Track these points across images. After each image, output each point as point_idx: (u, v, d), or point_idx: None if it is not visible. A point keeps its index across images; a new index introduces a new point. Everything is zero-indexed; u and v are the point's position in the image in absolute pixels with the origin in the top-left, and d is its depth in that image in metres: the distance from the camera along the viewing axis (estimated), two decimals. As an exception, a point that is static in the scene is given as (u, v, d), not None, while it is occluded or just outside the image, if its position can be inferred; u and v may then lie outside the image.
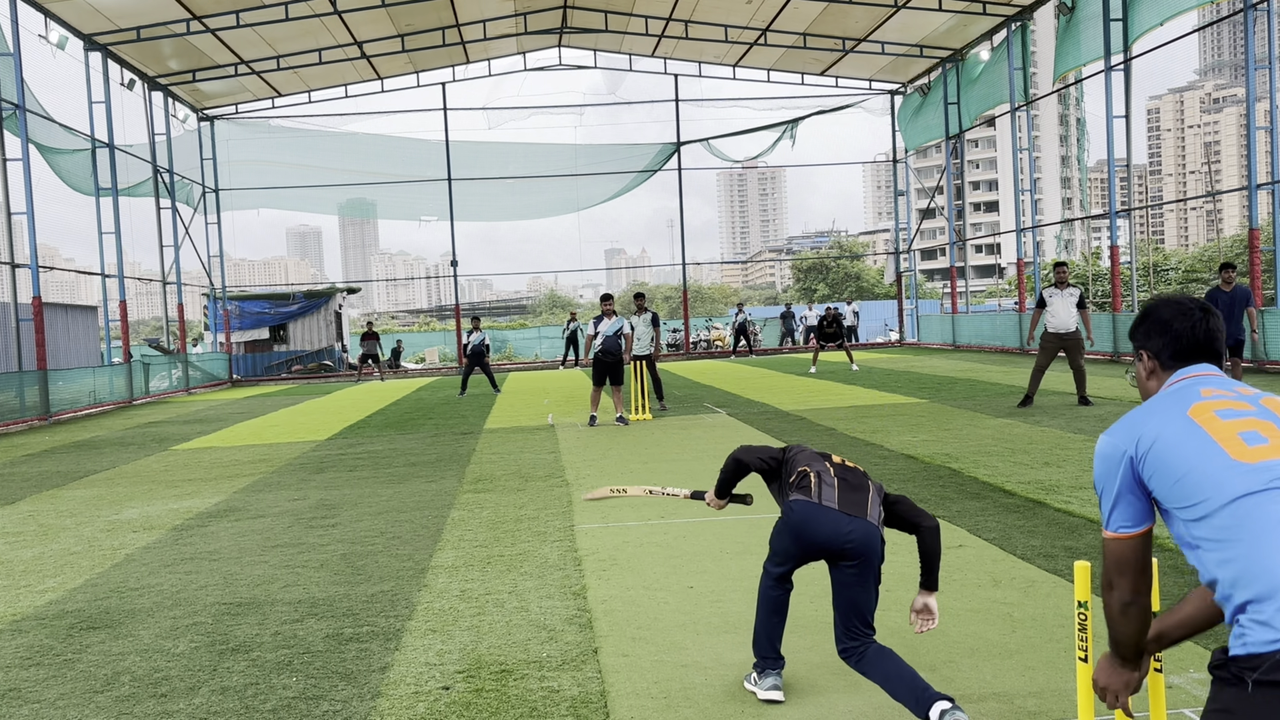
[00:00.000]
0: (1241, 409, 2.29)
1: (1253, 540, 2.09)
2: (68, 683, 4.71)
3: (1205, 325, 2.52)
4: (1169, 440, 2.28)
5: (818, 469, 4.11)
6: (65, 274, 77.01)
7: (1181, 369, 2.51)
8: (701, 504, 8.31)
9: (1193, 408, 2.32)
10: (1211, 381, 2.44)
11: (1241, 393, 2.37)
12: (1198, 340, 2.51)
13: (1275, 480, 2.12)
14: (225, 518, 8.74)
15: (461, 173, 35.34)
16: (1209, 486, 2.18)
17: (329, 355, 36.41)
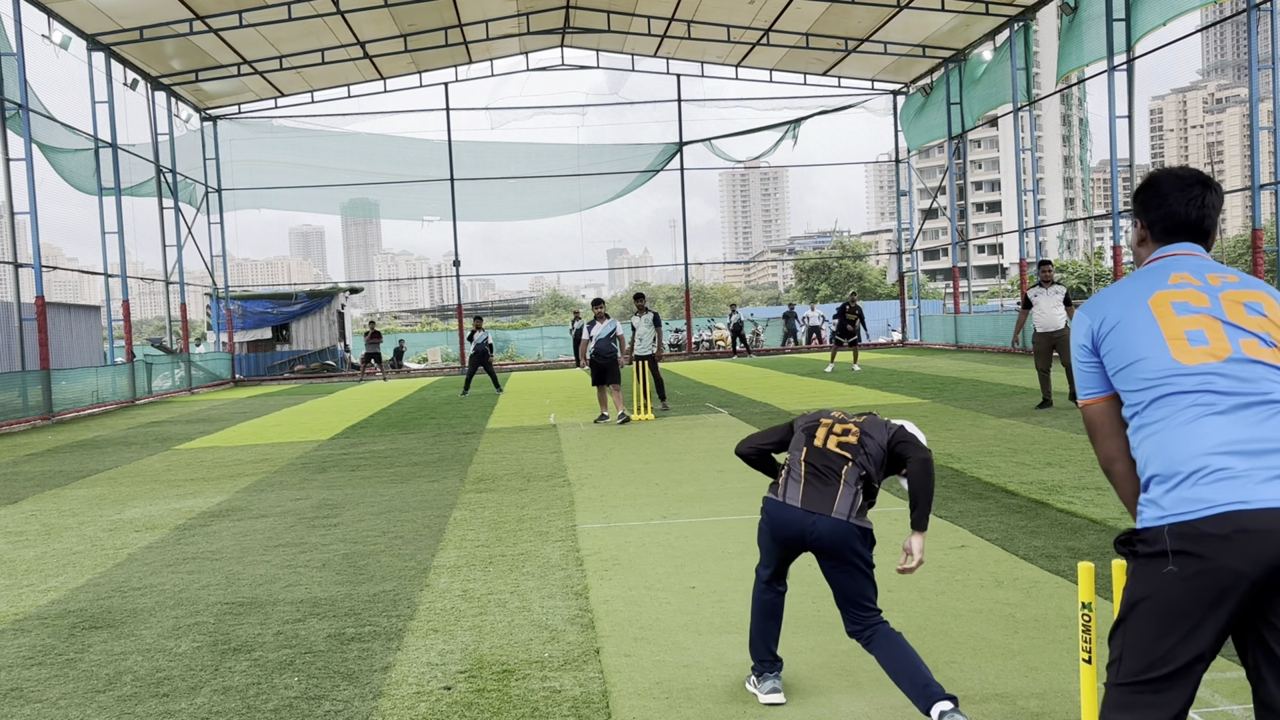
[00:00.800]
0: (1199, 303, 2.41)
1: (1164, 433, 2.33)
2: (70, 682, 4.71)
3: (1200, 203, 2.56)
4: (1125, 327, 2.46)
5: (794, 459, 4.04)
6: (68, 274, 77.16)
7: (1166, 245, 2.59)
8: (706, 505, 8.31)
9: (1155, 296, 2.45)
10: (1186, 264, 2.52)
11: (1210, 281, 2.45)
12: (1189, 219, 2.57)
13: (1202, 384, 2.31)
14: (227, 517, 8.75)
15: (464, 173, 35.34)
16: (1147, 380, 2.39)
17: (331, 355, 36.43)
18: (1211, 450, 2.24)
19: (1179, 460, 2.27)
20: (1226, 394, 2.29)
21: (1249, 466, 2.20)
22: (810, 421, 4.16)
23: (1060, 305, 14.02)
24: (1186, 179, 2.57)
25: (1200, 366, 2.32)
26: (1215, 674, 4.09)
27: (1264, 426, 2.25)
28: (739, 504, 8.20)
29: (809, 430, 4.11)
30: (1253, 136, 19.89)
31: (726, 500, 8.39)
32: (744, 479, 9.36)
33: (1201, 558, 2.17)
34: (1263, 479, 2.18)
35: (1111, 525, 6.74)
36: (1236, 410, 2.27)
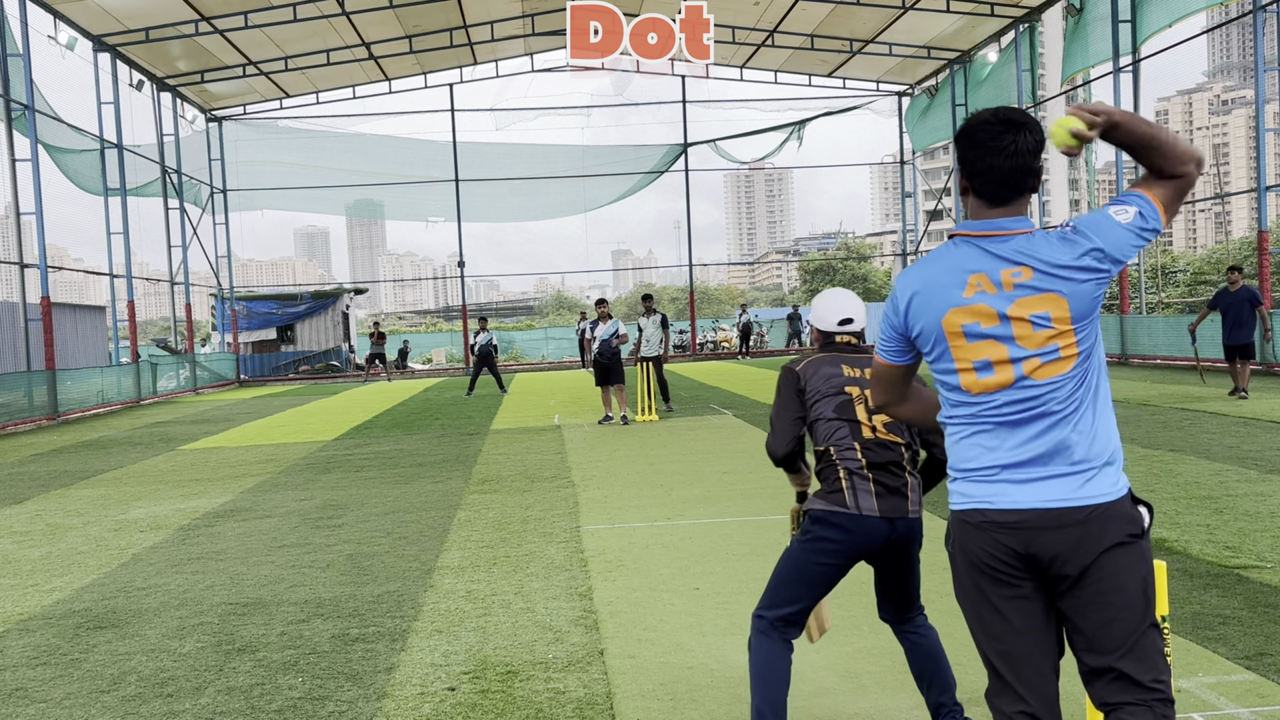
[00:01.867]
0: (989, 324, 2.47)
1: (951, 445, 2.67)
2: (74, 682, 4.71)
3: (1012, 151, 2.46)
4: (924, 336, 2.58)
5: (845, 456, 3.50)
6: (74, 274, 77.12)
7: (987, 216, 2.52)
8: (710, 506, 8.30)
9: (949, 313, 2.50)
10: (985, 262, 2.48)
11: (1003, 284, 2.46)
12: (1002, 172, 2.48)
13: (982, 412, 2.52)
14: (232, 518, 8.75)
15: (469, 174, 35.36)
16: (942, 396, 2.63)
17: (336, 356, 36.46)
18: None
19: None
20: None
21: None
22: (834, 398, 3.60)
23: None
24: (1000, 124, 2.47)
25: (983, 397, 2.52)
26: (1220, 676, 4.08)
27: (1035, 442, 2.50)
28: (743, 505, 8.19)
29: (843, 412, 3.57)
30: (1259, 138, 19.84)
31: (731, 502, 8.38)
32: (749, 480, 9.35)
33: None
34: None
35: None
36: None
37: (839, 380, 3.62)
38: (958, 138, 2.53)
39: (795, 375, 3.68)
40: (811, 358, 3.71)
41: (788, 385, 3.70)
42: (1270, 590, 5.20)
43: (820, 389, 3.63)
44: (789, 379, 3.70)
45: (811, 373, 3.66)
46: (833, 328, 3.75)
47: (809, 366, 3.67)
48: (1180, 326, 21.62)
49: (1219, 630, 4.64)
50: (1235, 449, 9.77)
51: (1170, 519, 6.90)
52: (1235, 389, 14.67)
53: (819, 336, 3.79)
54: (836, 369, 3.65)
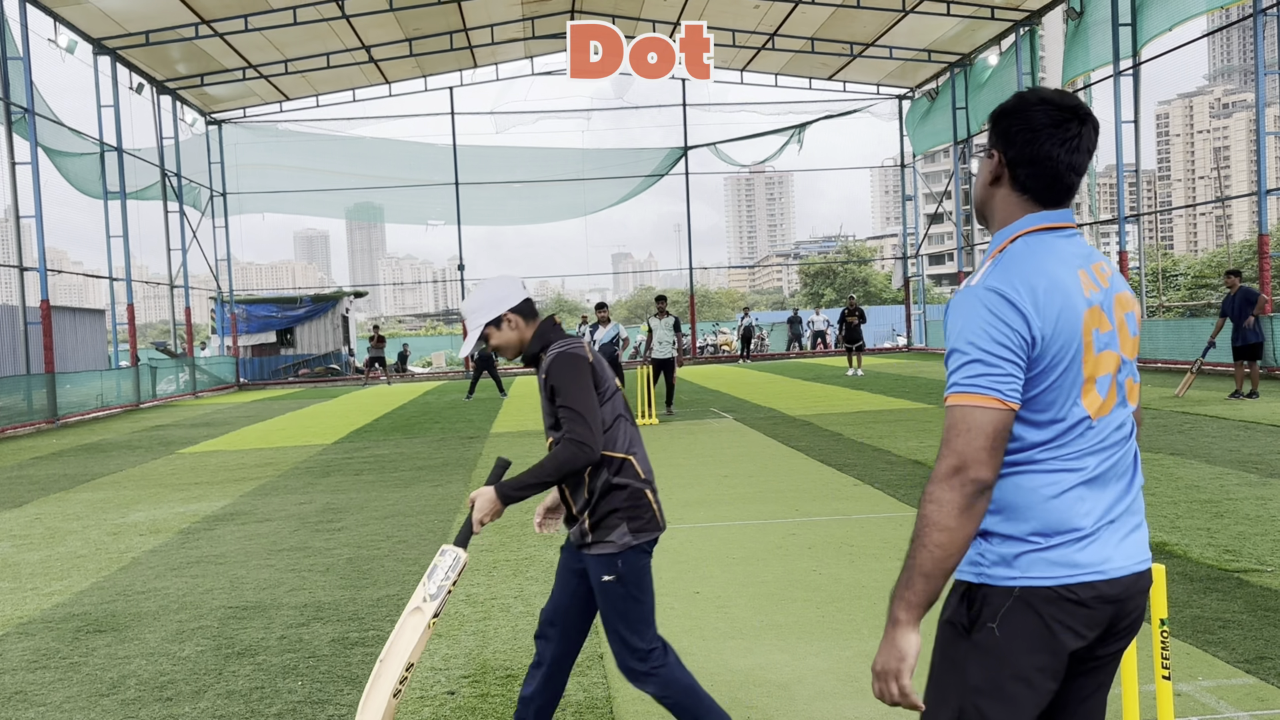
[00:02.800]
0: (1105, 329, 2.03)
1: (1041, 501, 2.01)
2: (74, 686, 4.71)
3: (1076, 146, 2.07)
4: (1062, 349, 1.97)
5: (645, 466, 3.35)
6: (73, 277, 77.19)
7: (1039, 211, 2.10)
8: (710, 510, 8.29)
9: (1085, 314, 2.00)
10: (1079, 256, 2.08)
11: (1100, 280, 2.07)
12: (1063, 170, 2.07)
13: (1094, 448, 2.00)
14: (231, 521, 8.75)
15: (469, 177, 35.37)
16: (1053, 428, 1.99)
17: (336, 359, 36.47)
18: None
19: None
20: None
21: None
22: (616, 395, 3.29)
23: None
24: (1063, 109, 2.06)
25: (1100, 422, 2.02)
26: (1220, 680, 4.08)
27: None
28: (743, 509, 8.18)
29: (629, 412, 3.34)
30: (1259, 142, 19.84)
31: (730, 505, 8.37)
32: (749, 484, 9.35)
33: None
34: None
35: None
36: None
37: (608, 372, 3.32)
38: (1002, 116, 2.13)
39: (588, 362, 3.25)
40: (579, 343, 3.30)
41: (586, 371, 3.22)
42: (1270, 594, 5.19)
43: (608, 383, 3.28)
44: (584, 364, 3.22)
45: (595, 360, 3.28)
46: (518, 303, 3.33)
47: (585, 350, 3.27)
48: (1180, 330, 21.63)
49: (1219, 634, 4.64)
50: (1236, 452, 9.77)
51: (1170, 522, 6.89)
52: (1235, 392, 14.69)
53: (525, 321, 3.34)
54: (601, 359, 3.35)
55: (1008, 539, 1.99)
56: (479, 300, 3.33)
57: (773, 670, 4.47)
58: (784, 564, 6.33)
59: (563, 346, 3.27)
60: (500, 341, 3.35)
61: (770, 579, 5.99)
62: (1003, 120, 2.12)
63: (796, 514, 7.88)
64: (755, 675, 4.42)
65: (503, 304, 3.30)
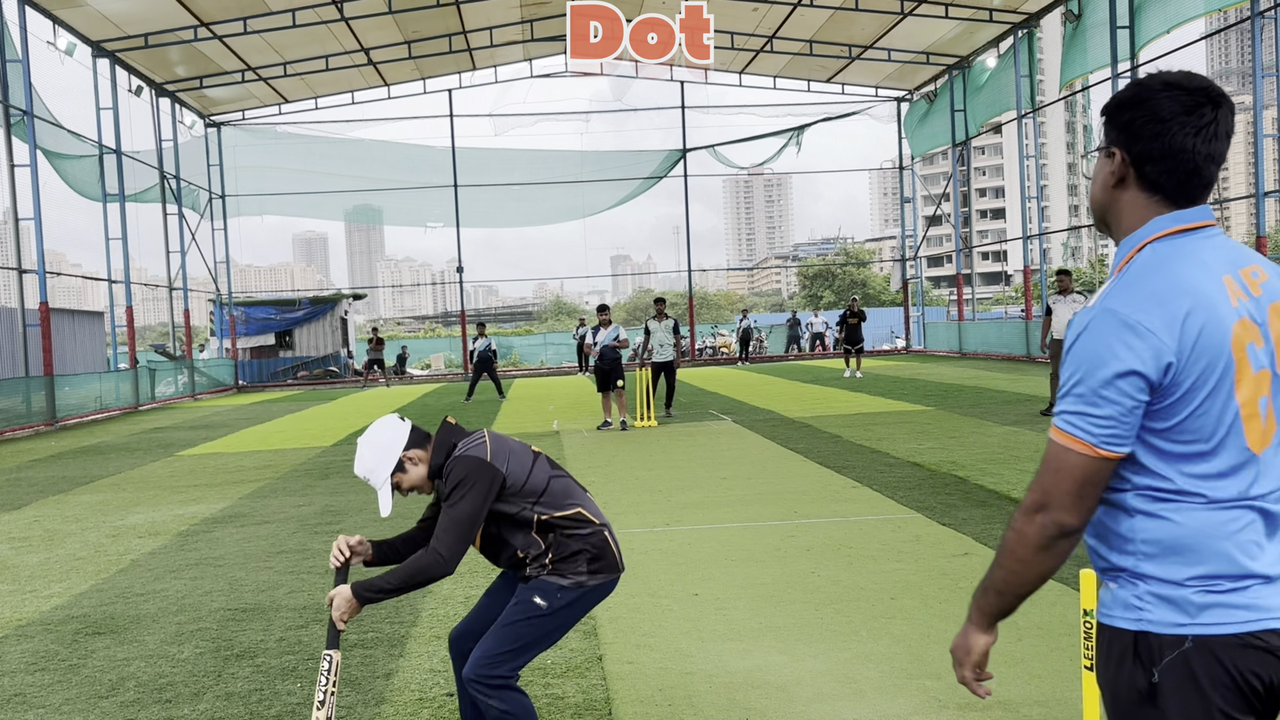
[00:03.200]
0: (1259, 344, 1.78)
1: (1202, 540, 1.79)
2: (73, 688, 4.71)
3: (1213, 133, 1.81)
4: (1206, 372, 1.73)
5: (596, 512, 3.37)
6: (72, 279, 77.08)
7: (1173, 210, 1.85)
8: (709, 512, 8.30)
9: (1234, 329, 1.75)
10: (1225, 260, 1.82)
11: (1250, 288, 1.81)
12: (1199, 159, 1.82)
13: (1260, 476, 1.77)
14: (230, 523, 8.75)
15: (468, 179, 35.40)
16: (1208, 460, 1.77)
17: (335, 361, 36.47)
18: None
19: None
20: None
21: None
22: (545, 462, 3.37)
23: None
24: (1194, 93, 1.80)
25: (1259, 458, 1.78)
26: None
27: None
28: (742, 511, 8.19)
29: (558, 467, 3.42)
30: (1257, 144, 19.87)
31: (729, 507, 8.38)
32: (747, 485, 9.36)
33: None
34: None
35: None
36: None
37: (524, 446, 3.36)
38: (1121, 107, 1.86)
39: (487, 465, 3.18)
40: (479, 440, 3.27)
41: (484, 478, 3.16)
42: (1268, 596, 5.20)
43: (519, 461, 3.26)
44: (484, 469, 3.17)
45: (500, 451, 3.24)
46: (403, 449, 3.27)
47: (494, 445, 3.24)
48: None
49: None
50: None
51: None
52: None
53: (423, 449, 3.31)
54: (507, 438, 3.37)
55: (1169, 583, 1.77)
56: (372, 460, 3.24)
57: (771, 672, 4.48)
58: (782, 566, 6.34)
59: (463, 451, 3.21)
60: (413, 481, 3.27)
61: (769, 581, 6.00)
62: (1122, 112, 1.85)
63: (795, 516, 7.89)
64: (754, 677, 4.43)
65: (394, 449, 3.23)
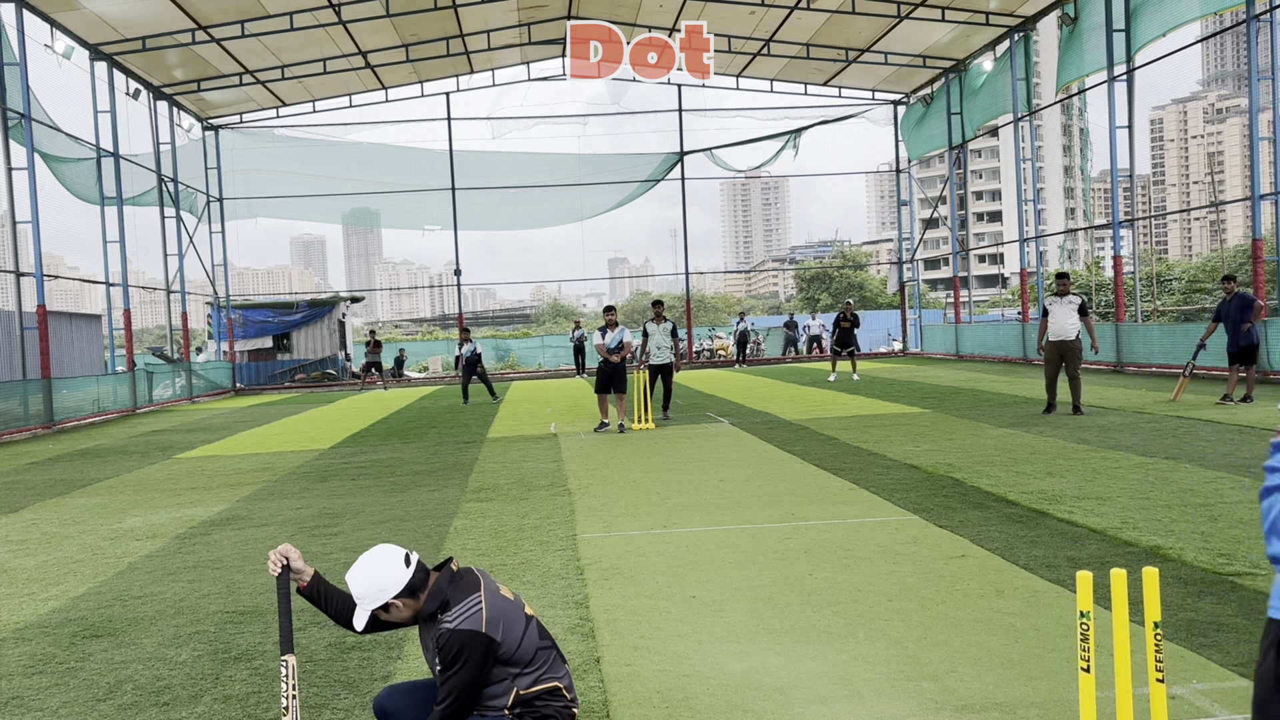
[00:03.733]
0: None
1: None
2: (70, 691, 4.71)
3: None
4: None
5: (570, 697, 3.42)
6: (69, 282, 77.04)
7: None
8: (706, 514, 8.30)
9: None
10: None
11: None
12: None
13: None
14: (228, 526, 8.75)
15: (465, 182, 35.42)
16: None
17: (332, 364, 36.46)
18: None
19: None
20: None
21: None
22: (536, 632, 3.39)
23: (1074, 315, 14.13)
24: None
25: None
26: (1214, 683, 4.10)
27: None
28: (740, 513, 8.20)
29: (546, 637, 3.46)
30: (1252, 147, 19.90)
31: (727, 510, 8.39)
32: (745, 488, 9.37)
33: None
34: None
35: (1112, 535, 6.74)
36: None
37: (518, 607, 3.34)
38: None
39: (483, 638, 3.20)
40: (476, 604, 3.24)
41: (479, 652, 3.18)
42: (1264, 597, 5.22)
43: (514, 631, 3.27)
44: (479, 643, 3.18)
45: (495, 619, 3.24)
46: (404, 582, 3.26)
47: (489, 612, 3.24)
48: (1175, 335, 21.68)
49: (1213, 637, 4.66)
50: (1229, 456, 9.80)
51: (1165, 526, 6.92)
52: (1225, 396, 14.75)
53: (414, 598, 3.30)
54: (504, 595, 3.34)
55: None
56: (363, 589, 3.25)
57: (769, 674, 4.49)
58: (780, 568, 6.35)
59: (459, 620, 3.20)
60: (395, 618, 3.30)
61: (766, 583, 6.01)
62: None
63: (792, 518, 7.90)
64: (751, 679, 4.44)
65: (385, 594, 3.24)
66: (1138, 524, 7.04)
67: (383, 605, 3.24)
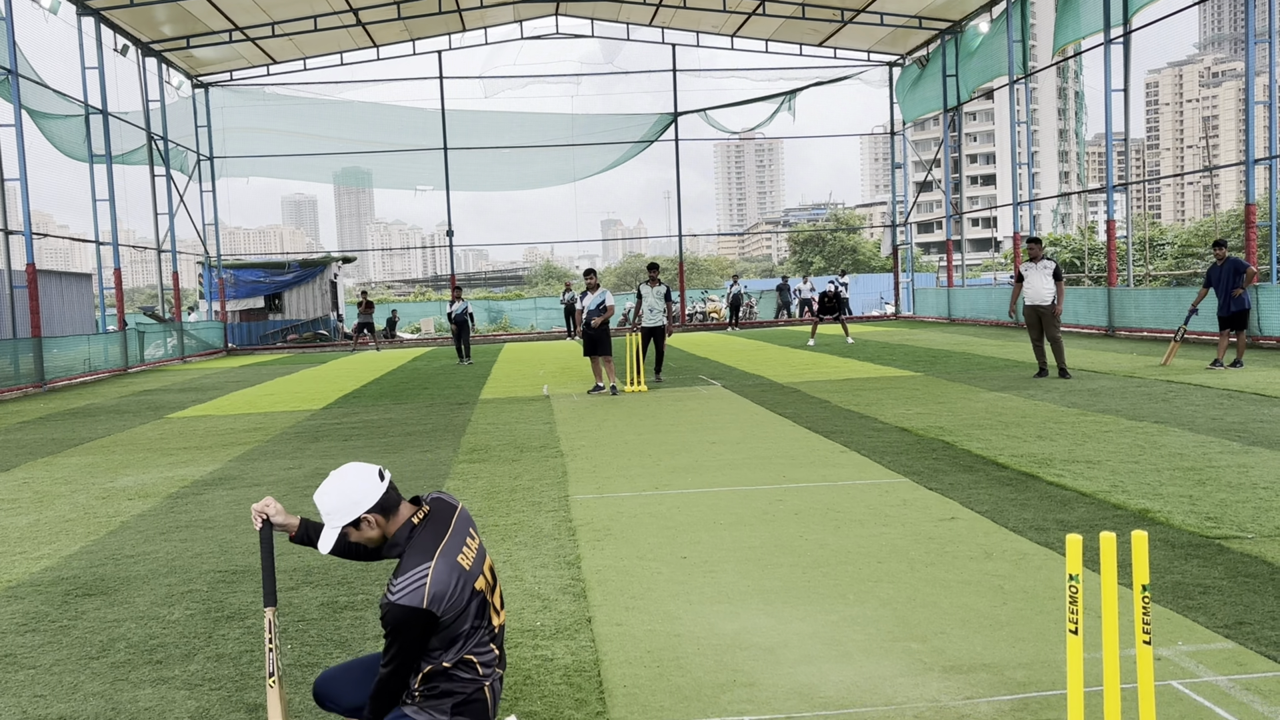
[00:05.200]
0: None
1: None
2: (63, 649, 4.73)
3: None
4: None
5: (487, 669, 3.27)
6: (59, 241, 76.45)
7: None
8: (698, 476, 8.33)
9: None
10: None
11: None
12: None
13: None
14: (220, 486, 8.76)
15: (457, 142, 35.18)
16: None
17: (324, 324, 36.37)
18: None
19: None
20: None
21: None
22: (473, 599, 3.17)
23: (1049, 279, 14.16)
24: None
25: None
26: (1199, 645, 4.14)
27: None
28: (730, 475, 8.23)
29: (482, 614, 3.23)
30: (1248, 111, 19.84)
31: (719, 472, 8.42)
32: (736, 450, 9.39)
33: None
34: None
35: (1101, 498, 6.78)
36: None
37: (468, 575, 3.18)
38: None
39: (424, 615, 3.04)
40: (422, 576, 3.06)
41: (417, 629, 3.06)
42: (1250, 560, 5.26)
43: (456, 607, 3.12)
44: (419, 620, 3.05)
45: (439, 595, 3.06)
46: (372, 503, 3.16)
47: (434, 588, 3.05)
48: (1167, 299, 21.72)
49: (1199, 599, 4.70)
50: (1218, 421, 9.85)
51: (1154, 490, 6.96)
52: (1215, 361, 14.81)
53: (386, 517, 3.20)
54: (458, 564, 3.15)
55: None
56: (334, 504, 3.18)
57: (758, 634, 4.53)
58: (771, 530, 6.38)
59: (402, 594, 3.04)
60: (363, 538, 3.23)
61: (757, 544, 6.04)
62: None
63: (783, 480, 7.93)
64: (741, 639, 4.47)
65: (358, 507, 3.16)
66: (1126, 488, 7.08)
67: (354, 521, 3.16)
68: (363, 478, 3.18)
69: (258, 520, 3.37)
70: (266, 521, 3.36)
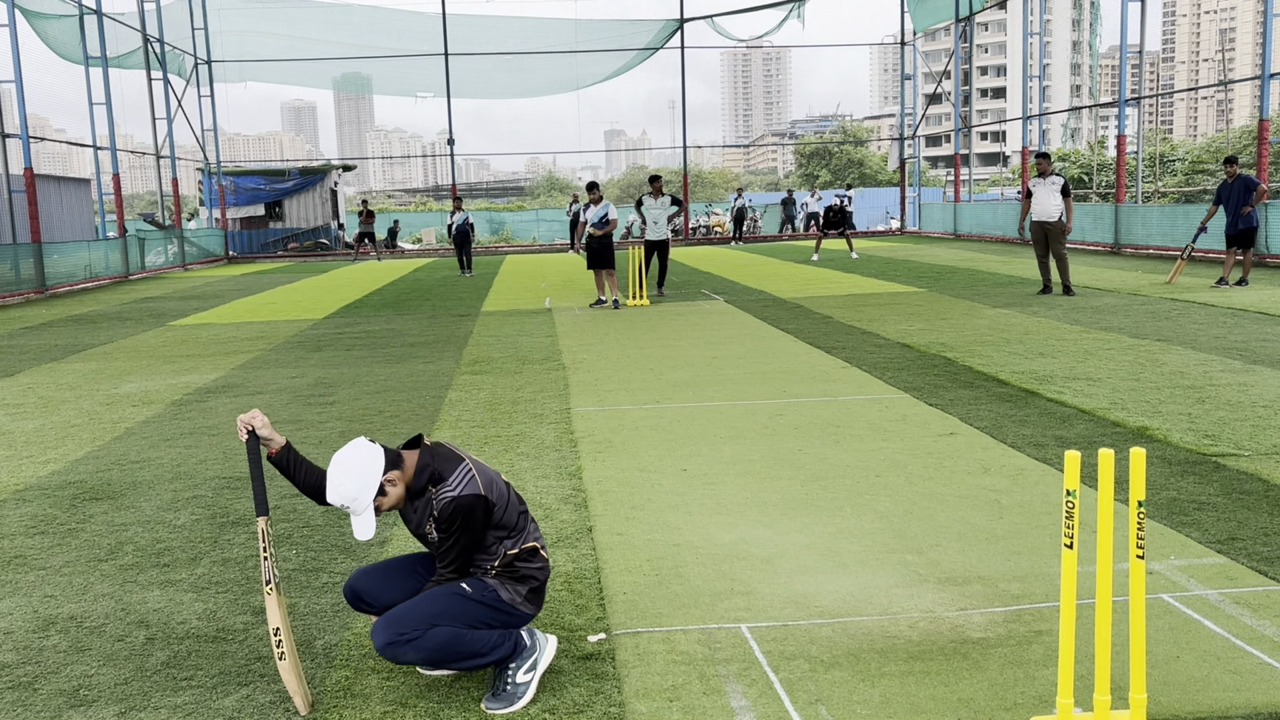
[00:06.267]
0: None
1: None
2: (72, 551, 4.80)
3: None
4: None
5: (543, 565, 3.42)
6: (56, 145, 75.71)
7: None
8: (699, 390, 8.35)
9: None
10: None
11: None
12: None
13: None
14: (223, 394, 8.80)
15: (458, 47, 34.53)
16: None
17: (325, 234, 36.17)
18: None
19: None
20: None
21: None
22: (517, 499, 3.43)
23: (1056, 195, 14.03)
24: None
25: None
26: (1191, 559, 4.20)
27: None
28: (731, 390, 8.26)
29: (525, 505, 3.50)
30: (1266, 23, 19.41)
31: (719, 386, 8.44)
32: (737, 365, 9.42)
33: None
34: None
35: (1100, 415, 6.81)
36: None
37: (495, 472, 3.39)
38: None
39: (481, 501, 3.23)
40: (469, 472, 3.25)
41: (478, 516, 3.24)
42: (1246, 477, 5.31)
43: (502, 496, 3.33)
44: (479, 507, 3.23)
45: (486, 483, 3.26)
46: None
47: (481, 478, 3.25)
48: (1175, 216, 21.54)
49: (1193, 515, 4.75)
50: (1221, 339, 9.84)
51: (1153, 408, 6.99)
52: (1221, 279, 14.74)
53: (401, 471, 3.25)
54: (487, 466, 3.38)
55: None
56: (353, 488, 3.15)
57: (756, 545, 4.59)
58: (770, 443, 6.43)
59: (460, 488, 3.19)
60: (392, 502, 3.24)
61: (756, 458, 6.09)
62: None
63: (784, 395, 7.96)
64: (739, 549, 4.53)
65: (374, 476, 3.17)
66: (1126, 405, 7.11)
67: (379, 491, 3.20)
68: (359, 452, 3.21)
69: (243, 431, 3.38)
70: (252, 433, 3.38)
